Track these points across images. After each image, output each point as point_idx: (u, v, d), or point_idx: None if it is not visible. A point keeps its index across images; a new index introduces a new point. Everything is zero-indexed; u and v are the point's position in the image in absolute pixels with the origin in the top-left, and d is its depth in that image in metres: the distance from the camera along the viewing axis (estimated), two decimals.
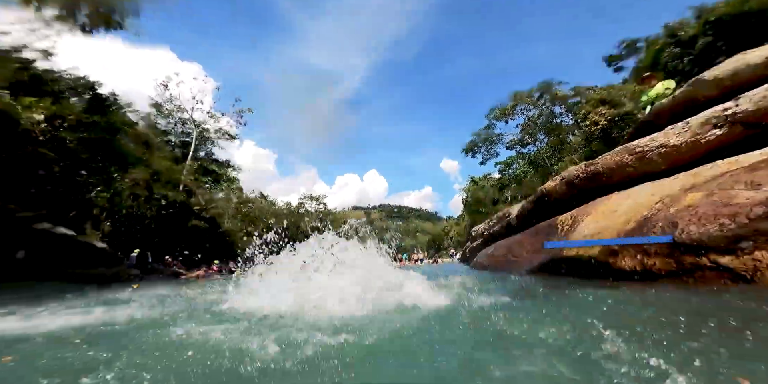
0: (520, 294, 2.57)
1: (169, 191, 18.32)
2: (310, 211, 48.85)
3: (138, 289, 6.15)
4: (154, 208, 17.08)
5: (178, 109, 29.41)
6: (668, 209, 2.42)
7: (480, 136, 38.01)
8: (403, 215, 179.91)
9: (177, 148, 30.83)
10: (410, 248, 73.32)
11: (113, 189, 10.72)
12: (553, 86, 32.88)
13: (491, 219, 9.73)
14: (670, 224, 2.28)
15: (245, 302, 2.90)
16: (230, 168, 33.47)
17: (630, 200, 3.11)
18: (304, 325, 1.98)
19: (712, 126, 3.01)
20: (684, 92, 3.56)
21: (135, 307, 3.33)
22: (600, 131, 22.18)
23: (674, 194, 2.63)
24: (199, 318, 2.56)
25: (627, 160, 3.59)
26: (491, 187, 42.61)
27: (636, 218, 2.68)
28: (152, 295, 4.93)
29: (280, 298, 2.69)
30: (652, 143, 3.37)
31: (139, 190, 17.00)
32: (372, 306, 2.37)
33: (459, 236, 50.76)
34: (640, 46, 26.70)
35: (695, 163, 3.15)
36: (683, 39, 18.66)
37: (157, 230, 17.33)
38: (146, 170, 17.38)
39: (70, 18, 12.76)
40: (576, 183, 4.20)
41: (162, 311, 3.07)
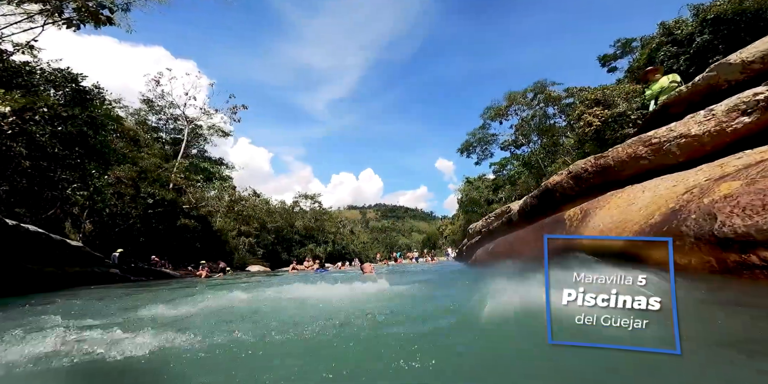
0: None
1: (157, 190, 17.77)
2: (305, 209, 48.39)
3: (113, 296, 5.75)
4: (141, 206, 16.53)
5: (170, 106, 28.77)
6: (700, 200, 2.13)
7: (475, 136, 38.03)
8: (398, 215, 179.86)
9: (168, 145, 30.12)
10: (405, 247, 73.21)
11: (93, 187, 10.20)
12: (546, 87, 33.00)
13: (489, 216, 9.47)
14: (706, 216, 1.98)
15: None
16: (223, 166, 32.86)
17: (649, 193, 2.83)
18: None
19: (740, 113, 2.74)
20: (705, 78, 3.29)
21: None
22: (593, 132, 22.14)
23: (703, 185, 2.34)
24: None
25: (641, 152, 3.31)
26: (486, 188, 42.69)
27: (661, 211, 2.40)
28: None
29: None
30: (670, 133, 3.09)
31: (124, 189, 16.44)
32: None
33: (453, 235, 50.75)
34: (635, 45, 26.75)
35: (717, 154, 2.88)
36: (679, 38, 18.59)
37: (143, 229, 16.78)
38: (132, 168, 16.82)
39: (56, 12, 12.22)
40: (584, 177, 3.93)
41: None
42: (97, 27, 13.48)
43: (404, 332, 1.99)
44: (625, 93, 22.14)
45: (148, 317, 2.92)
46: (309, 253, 40.48)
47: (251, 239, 34.62)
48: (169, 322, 2.66)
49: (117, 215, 15.56)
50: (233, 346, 1.81)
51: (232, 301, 3.76)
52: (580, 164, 3.99)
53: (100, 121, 11.88)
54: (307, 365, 1.57)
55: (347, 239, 54.79)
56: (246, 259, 31.51)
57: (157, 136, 28.56)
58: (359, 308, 2.78)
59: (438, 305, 2.66)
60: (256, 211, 29.87)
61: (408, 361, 1.43)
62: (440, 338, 1.92)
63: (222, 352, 1.74)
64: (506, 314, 1.92)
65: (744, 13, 15.17)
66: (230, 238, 31.74)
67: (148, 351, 1.75)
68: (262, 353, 1.71)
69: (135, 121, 26.01)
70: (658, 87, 6.07)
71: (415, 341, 1.77)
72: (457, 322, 2.16)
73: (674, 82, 6.05)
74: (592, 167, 3.80)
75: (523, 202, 5.43)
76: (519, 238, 4.92)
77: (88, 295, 5.24)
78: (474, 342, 1.79)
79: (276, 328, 2.21)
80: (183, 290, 5.99)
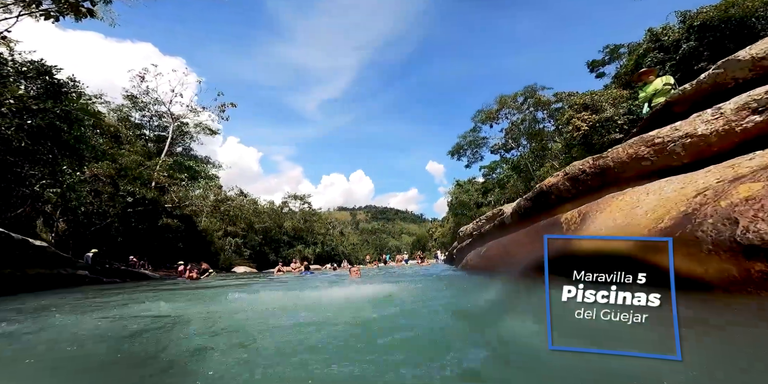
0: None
1: (138, 188, 17.10)
2: (294, 210, 47.72)
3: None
4: (119, 205, 15.86)
5: (154, 102, 27.97)
6: (716, 203, 1.93)
7: (466, 139, 38.32)
8: (388, 217, 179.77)
9: (151, 142, 29.21)
10: (395, 249, 73.08)
11: (65, 184, 9.63)
12: (537, 91, 33.44)
13: (480, 219, 9.28)
14: (726, 221, 1.77)
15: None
16: (210, 164, 32.05)
17: (654, 196, 2.63)
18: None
19: (750, 111, 2.57)
20: (710, 76, 3.14)
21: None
22: (582, 137, 22.37)
23: (716, 187, 2.15)
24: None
25: (643, 152, 3.12)
26: (475, 191, 42.96)
27: (671, 215, 2.19)
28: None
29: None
30: (674, 133, 2.91)
31: (102, 186, 15.76)
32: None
33: (443, 237, 50.87)
34: (623, 52, 27.25)
35: (725, 155, 2.70)
36: (666, 44, 18.92)
37: (121, 229, 16.10)
38: (111, 165, 16.14)
39: (33, 3, 11.61)
40: (581, 178, 3.74)
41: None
42: (78, 20, 12.88)
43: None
44: (612, 98, 22.47)
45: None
46: (297, 254, 39.88)
47: (238, 240, 33.89)
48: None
49: (93, 214, 14.88)
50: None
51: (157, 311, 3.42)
52: (578, 165, 3.80)
53: (75, 115, 11.30)
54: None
55: (337, 241, 54.26)
56: (232, 260, 30.79)
57: (140, 133, 27.66)
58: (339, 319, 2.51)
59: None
60: (243, 211, 29.19)
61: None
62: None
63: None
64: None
65: (729, 21, 15.48)
66: (216, 239, 30.96)
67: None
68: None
69: (117, 118, 25.11)
70: (652, 89, 6.00)
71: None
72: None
73: (668, 85, 5.98)
74: (590, 168, 3.61)
75: (516, 204, 5.25)
76: (513, 241, 4.73)
77: (24, 301, 4.77)
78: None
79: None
80: (144, 294, 5.60)
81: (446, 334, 2.12)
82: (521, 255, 4.47)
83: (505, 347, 1.71)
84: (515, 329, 1.98)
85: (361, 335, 2.11)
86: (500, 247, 5.16)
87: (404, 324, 2.39)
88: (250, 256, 34.56)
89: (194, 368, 1.66)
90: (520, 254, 4.48)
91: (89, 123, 13.50)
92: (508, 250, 4.88)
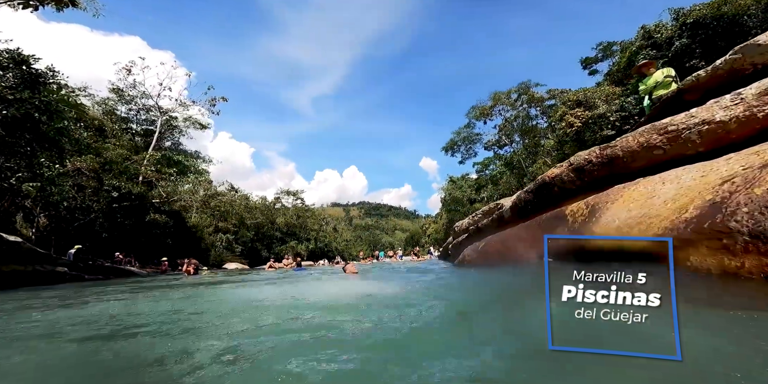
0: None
1: (124, 182, 16.53)
2: (287, 206, 47.11)
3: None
4: (104, 200, 15.31)
5: (142, 96, 27.21)
6: (749, 191, 1.75)
7: (460, 135, 38.34)
8: (382, 213, 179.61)
9: (139, 136, 28.45)
10: (388, 245, 73.01)
11: (45, 177, 9.17)
12: (530, 88, 33.54)
13: (476, 214, 9.13)
14: (764, 210, 1.58)
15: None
16: (199, 159, 31.36)
17: (671, 185, 2.46)
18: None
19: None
20: (727, 61, 2.98)
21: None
22: (574, 133, 22.43)
23: (744, 174, 1.97)
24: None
25: (655, 141, 2.96)
26: (469, 187, 43.05)
27: (696, 204, 2.02)
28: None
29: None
30: (690, 120, 2.74)
31: (85, 181, 15.20)
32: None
33: (437, 234, 50.98)
34: (616, 50, 27.38)
35: (744, 143, 2.55)
36: (659, 41, 19.01)
37: (106, 225, 15.59)
38: (95, 159, 15.56)
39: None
40: (587, 169, 3.57)
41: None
42: (59, 9, 12.23)
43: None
44: (605, 95, 22.58)
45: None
46: (290, 250, 39.47)
47: (229, 236, 33.36)
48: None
49: (76, 209, 14.35)
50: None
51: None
52: (583, 155, 3.63)
53: (55, 106, 10.79)
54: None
55: (330, 237, 53.93)
56: (223, 257, 30.31)
57: (127, 127, 26.89)
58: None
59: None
60: (234, 207, 28.67)
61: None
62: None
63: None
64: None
65: (722, 18, 15.56)
66: (206, 235, 30.39)
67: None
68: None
69: (102, 111, 24.33)
70: (653, 81, 5.90)
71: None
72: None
73: (669, 77, 5.88)
74: (596, 158, 3.44)
75: (516, 197, 5.07)
76: (512, 236, 4.56)
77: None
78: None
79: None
80: (117, 293, 5.30)
81: (447, 333, 1.93)
82: (521, 250, 4.31)
83: (506, 346, 1.60)
84: (516, 327, 1.89)
85: (349, 333, 1.92)
86: (499, 242, 4.99)
87: (402, 320, 2.19)
88: (241, 253, 34.08)
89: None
90: (521, 249, 4.31)
91: (71, 115, 12.96)
92: (507, 245, 4.72)
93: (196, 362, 1.55)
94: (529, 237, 4.11)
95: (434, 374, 1.24)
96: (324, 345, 1.68)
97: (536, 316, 1.94)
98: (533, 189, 4.47)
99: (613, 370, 1.10)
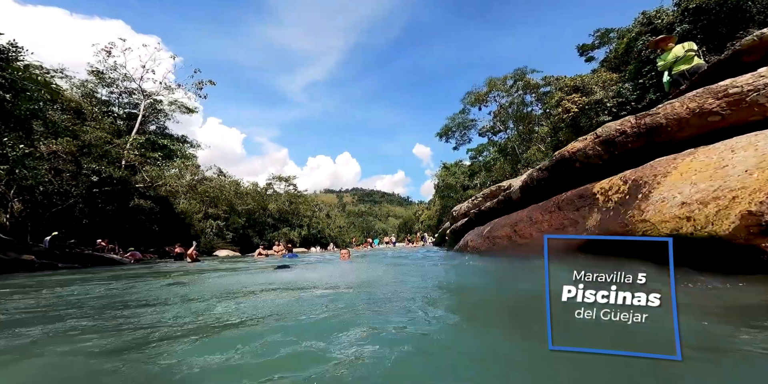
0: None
1: (104, 166, 15.67)
2: (279, 192, 46.27)
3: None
4: (83, 185, 14.51)
5: (123, 78, 25.86)
6: None
7: (455, 121, 37.85)
8: (375, 199, 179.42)
9: (122, 120, 27.30)
10: (381, 232, 73.14)
11: (11, 158, 8.42)
12: (526, 74, 33.01)
13: (476, 197, 8.69)
14: None
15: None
16: (187, 144, 30.26)
17: (746, 152, 2.00)
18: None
19: None
20: None
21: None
22: (571, 119, 22.11)
23: None
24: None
25: (710, 106, 2.47)
26: (462, 174, 42.85)
27: None
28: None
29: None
30: (758, 81, 2.24)
31: (63, 164, 14.33)
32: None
33: (430, 220, 51.08)
34: (613, 37, 26.84)
35: None
36: (659, 27, 18.62)
37: (86, 210, 14.83)
38: (72, 141, 14.63)
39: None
40: (618, 141, 3.08)
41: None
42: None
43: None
44: (602, 81, 22.19)
45: None
46: (283, 237, 39.03)
47: (220, 222, 32.74)
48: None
49: (54, 194, 13.58)
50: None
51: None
52: (614, 126, 3.14)
53: (21, 84, 9.90)
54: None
55: (323, 223, 53.52)
56: (214, 244, 29.78)
57: (108, 110, 25.66)
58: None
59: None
60: (224, 192, 27.92)
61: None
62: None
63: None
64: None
65: (725, 4, 15.18)
66: (196, 221, 29.72)
67: None
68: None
69: (81, 93, 23.02)
70: (672, 56, 5.66)
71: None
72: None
73: (691, 51, 5.59)
74: (632, 128, 2.95)
75: (527, 176, 4.60)
76: (524, 219, 4.11)
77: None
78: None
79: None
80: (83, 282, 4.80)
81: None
82: (536, 234, 3.87)
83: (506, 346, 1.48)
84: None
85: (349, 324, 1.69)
86: (507, 226, 4.55)
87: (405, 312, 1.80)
88: (233, 240, 33.58)
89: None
90: (535, 233, 3.88)
91: (44, 96, 11.99)
92: (517, 230, 4.28)
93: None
94: (545, 220, 3.67)
95: (434, 375, 1.19)
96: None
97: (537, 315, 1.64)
98: (549, 166, 4.00)
99: (613, 370, 1.09)
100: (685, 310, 1.18)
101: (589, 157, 3.36)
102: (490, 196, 7.29)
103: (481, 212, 6.22)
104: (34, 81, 11.26)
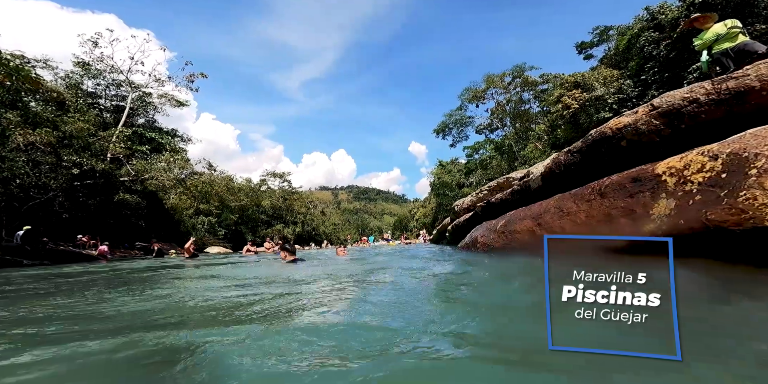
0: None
1: (86, 159, 14.81)
2: (273, 188, 45.33)
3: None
4: (63, 177, 13.67)
5: (111, 70, 24.84)
6: None
7: (452, 118, 37.43)
8: (370, 197, 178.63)
9: (108, 112, 26.36)
10: (376, 229, 72.54)
11: None
12: (525, 71, 32.69)
13: (480, 190, 8.11)
14: None
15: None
16: (177, 138, 29.29)
17: None
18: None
19: None
20: None
21: None
22: (571, 115, 21.78)
23: None
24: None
25: None
26: (458, 172, 42.47)
27: None
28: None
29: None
30: None
31: (41, 156, 13.48)
32: None
33: (425, 218, 50.70)
34: (612, 34, 26.52)
35: None
36: (663, 22, 18.27)
37: (67, 204, 14.00)
38: (51, 132, 13.76)
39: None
40: (687, 112, 2.50)
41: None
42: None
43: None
44: (603, 78, 21.84)
45: None
46: (276, 233, 38.24)
47: (211, 218, 31.85)
48: None
49: (31, 187, 12.73)
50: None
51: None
52: (680, 94, 2.55)
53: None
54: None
55: (318, 220, 52.77)
56: (205, 240, 28.92)
57: (94, 103, 24.69)
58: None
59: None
60: (214, 187, 27.08)
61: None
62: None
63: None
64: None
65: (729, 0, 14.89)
66: (186, 217, 28.85)
67: None
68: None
69: (66, 85, 22.03)
70: (712, 34, 5.13)
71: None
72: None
73: (735, 28, 5.06)
74: (707, 95, 2.37)
75: (551, 161, 4.02)
76: (551, 210, 3.53)
77: None
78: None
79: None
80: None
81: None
82: (568, 228, 3.30)
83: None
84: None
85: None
86: (528, 218, 3.98)
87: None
88: (225, 236, 32.76)
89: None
90: (567, 227, 3.30)
91: (23, 86, 11.15)
92: (542, 223, 3.70)
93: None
94: (583, 210, 3.09)
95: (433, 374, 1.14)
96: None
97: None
98: (583, 147, 3.42)
99: (613, 370, 1.06)
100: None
101: (641, 134, 2.79)
102: (497, 188, 6.70)
103: (491, 205, 5.65)
104: (5, 66, 10.46)
